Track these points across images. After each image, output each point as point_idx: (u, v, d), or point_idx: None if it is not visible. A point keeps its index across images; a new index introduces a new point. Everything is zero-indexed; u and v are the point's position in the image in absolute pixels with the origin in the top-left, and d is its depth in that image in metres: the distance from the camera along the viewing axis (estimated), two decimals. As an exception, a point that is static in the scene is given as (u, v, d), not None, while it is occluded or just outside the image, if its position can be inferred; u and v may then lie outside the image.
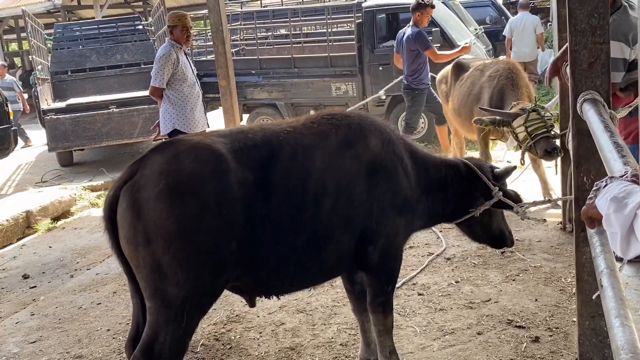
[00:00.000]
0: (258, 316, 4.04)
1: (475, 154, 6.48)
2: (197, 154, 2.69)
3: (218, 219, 2.60)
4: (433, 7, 7.29)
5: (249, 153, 2.76)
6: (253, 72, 10.06)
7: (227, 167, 2.66)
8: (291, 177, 2.80)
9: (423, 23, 7.22)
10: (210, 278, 2.65)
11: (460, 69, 6.45)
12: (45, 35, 11.67)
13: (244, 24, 11.31)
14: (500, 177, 3.32)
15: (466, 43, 7.47)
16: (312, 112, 3.20)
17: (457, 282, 4.29)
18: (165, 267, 2.57)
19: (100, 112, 9.44)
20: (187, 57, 6.09)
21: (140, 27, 11.98)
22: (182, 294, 2.59)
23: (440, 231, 5.17)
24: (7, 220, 7.23)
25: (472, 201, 3.25)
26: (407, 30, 7.33)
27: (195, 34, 12.28)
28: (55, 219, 7.59)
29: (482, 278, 4.31)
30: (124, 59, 11.28)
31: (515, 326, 3.61)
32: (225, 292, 2.92)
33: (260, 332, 3.84)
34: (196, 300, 2.64)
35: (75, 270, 5.61)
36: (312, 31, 12.69)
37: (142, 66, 11.16)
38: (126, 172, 2.71)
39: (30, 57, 11.17)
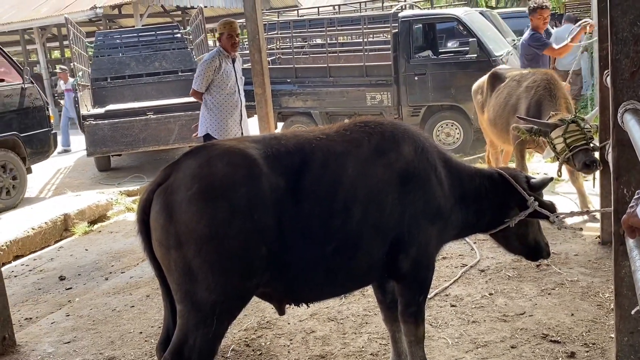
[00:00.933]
0: (289, 323, 4.03)
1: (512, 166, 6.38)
2: (229, 158, 2.70)
3: (249, 224, 2.61)
4: (546, 7, 7.10)
5: (281, 159, 2.76)
6: (288, 80, 10.12)
7: (260, 172, 2.67)
8: (323, 183, 2.80)
9: (539, 27, 7.06)
10: (240, 282, 2.66)
11: (496, 79, 6.37)
12: (86, 43, 11.94)
13: (281, 33, 11.40)
14: (536, 188, 3.26)
15: (585, 21, 7.09)
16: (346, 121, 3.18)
17: (490, 294, 4.22)
18: (196, 271, 2.58)
19: (138, 118, 9.60)
20: (233, 65, 6.15)
21: (179, 35, 12.17)
22: (212, 298, 2.60)
23: (475, 242, 5.10)
24: (45, 222, 7.39)
25: (507, 211, 3.20)
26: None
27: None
28: (92, 222, 7.72)
29: (517, 291, 4.23)
30: (162, 66, 11.47)
31: (551, 341, 3.53)
32: (257, 299, 2.92)
33: (291, 340, 3.83)
34: (226, 304, 2.64)
35: (110, 273, 5.70)
36: (348, 41, 12.73)
37: (180, 74, 11.35)
38: (160, 176, 2.74)
39: (71, 64, 11.43)
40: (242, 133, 6.25)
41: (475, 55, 8.54)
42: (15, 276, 5.89)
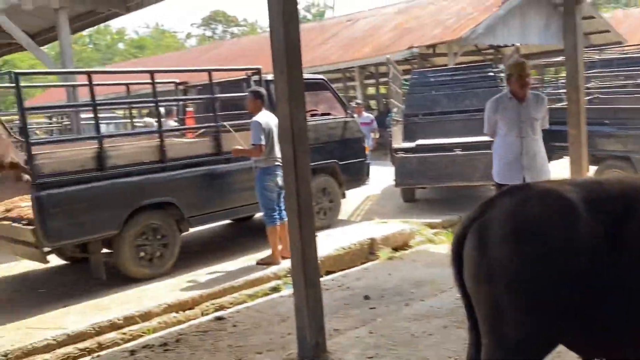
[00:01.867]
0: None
1: None
2: (546, 200, 2.67)
3: (563, 268, 2.53)
4: None
5: (602, 205, 2.63)
6: (606, 121, 9.43)
7: (577, 217, 2.57)
8: None
9: None
10: (548, 326, 2.58)
11: None
12: (402, 81, 12.71)
13: (600, 72, 10.70)
14: None
15: None
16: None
17: None
18: (504, 307, 2.60)
19: (445, 153, 9.87)
20: (520, 107, 5.86)
21: (491, 74, 12.22)
22: (517, 337, 2.58)
23: None
24: (354, 244, 8.03)
25: None
26: None
27: (538, 82, 12.04)
28: (395, 249, 8.15)
29: None
30: (472, 104, 11.62)
31: None
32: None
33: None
34: (531, 344, 2.60)
35: (410, 299, 5.93)
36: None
37: (489, 112, 11.35)
38: (475, 211, 2.82)
39: (387, 100, 12.27)
40: (524, 179, 5.78)
41: None
42: (327, 289, 6.47)
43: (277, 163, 7.03)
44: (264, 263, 7.33)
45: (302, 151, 4.50)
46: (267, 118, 7.17)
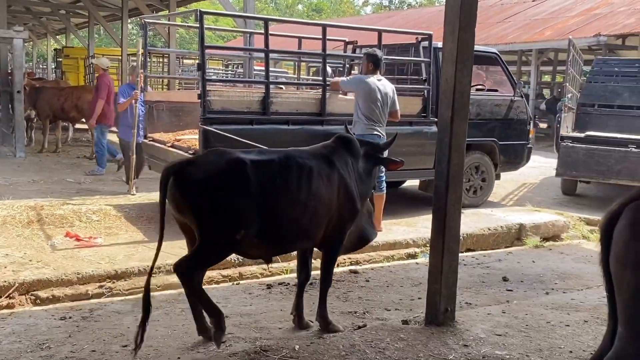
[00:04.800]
0: None
1: None
2: None
3: None
4: None
5: None
6: None
7: None
8: None
9: None
10: None
11: None
12: (582, 68, 11.90)
13: None
14: None
15: None
16: None
17: None
18: None
19: (617, 148, 9.17)
20: None
21: (687, 70, 11.09)
22: None
23: None
24: (501, 227, 7.78)
25: None
26: None
27: None
28: (545, 239, 7.77)
29: None
30: (657, 101, 10.67)
31: None
32: None
33: None
34: None
35: (552, 289, 5.65)
36: None
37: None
38: (636, 191, 2.59)
39: (564, 84, 11.56)
40: None
41: None
42: (464, 265, 6.35)
43: (375, 132, 6.74)
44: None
45: (461, 116, 4.38)
46: (372, 81, 6.85)
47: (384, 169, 6.65)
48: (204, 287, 5.55)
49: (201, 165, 3.79)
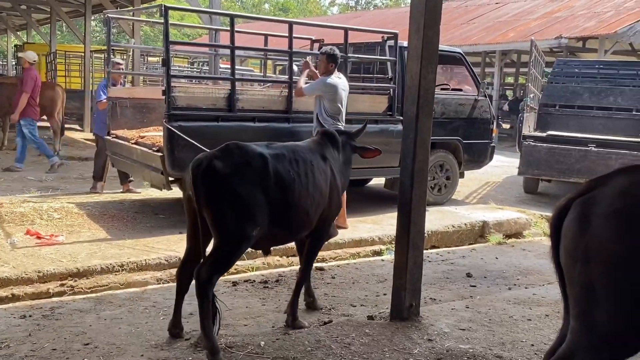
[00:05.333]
0: None
1: None
2: None
3: None
4: None
5: None
6: None
7: None
8: None
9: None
10: None
11: None
12: (544, 69, 12.13)
13: None
14: None
15: None
16: None
17: None
18: (599, 292, 2.41)
19: (577, 148, 9.37)
20: None
21: (645, 72, 11.39)
22: (608, 326, 2.39)
23: None
24: (465, 224, 7.88)
25: None
26: None
27: None
28: (507, 236, 7.89)
29: None
30: (616, 102, 10.94)
31: None
32: None
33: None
34: (621, 339, 2.39)
35: (514, 284, 5.75)
36: None
37: (634, 112, 10.65)
38: (584, 186, 2.64)
39: (526, 84, 11.77)
40: None
41: None
42: (429, 261, 6.41)
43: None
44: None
45: (426, 112, 4.42)
46: (336, 82, 6.73)
47: None
48: (168, 284, 5.55)
49: (227, 160, 3.74)
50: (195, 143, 6.17)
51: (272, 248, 4.70)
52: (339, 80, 6.81)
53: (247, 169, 3.77)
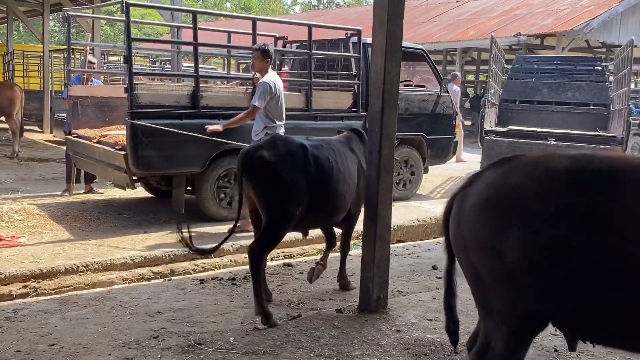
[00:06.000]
0: None
1: None
2: (529, 171, 2.53)
3: (535, 238, 2.39)
4: None
5: (587, 177, 2.43)
6: None
7: (559, 189, 2.42)
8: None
9: None
10: (530, 303, 2.48)
11: None
12: (504, 65, 12.34)
13: None
14: None
15: None
16: None
17: None
18: (484, 277, 2.58)
19: (537, 142, 9.56)
20: None
21: (600, 68, 11.68)
22: (501, 307, 2.55)
23: None
24: (430, 218, 7.99)
25: None
26: None
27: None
28: (470, 229, 8.01)
29: None
30: (574, 97, 11.21)
31: None
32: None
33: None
34: (515, 318, 2.53)
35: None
36: None
37: (591, 107, 10.93)
38: (465, 182, 2.80)
39: (487, 80, 11.97)
40: None
41: None
42: (396, 255, 6.47)
43: (283, 130, 6.47)
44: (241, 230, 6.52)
45: (390, 106, 4.47)
46: (276, 80, 6.43)
47: None
48: (134, 283, 5.50)
49: (272, 150, 4.30)
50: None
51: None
52: (276, 77, 6.54)
53: (290, 157, 4.33)
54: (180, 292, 5.12)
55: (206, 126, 6.51)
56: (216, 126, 6.51)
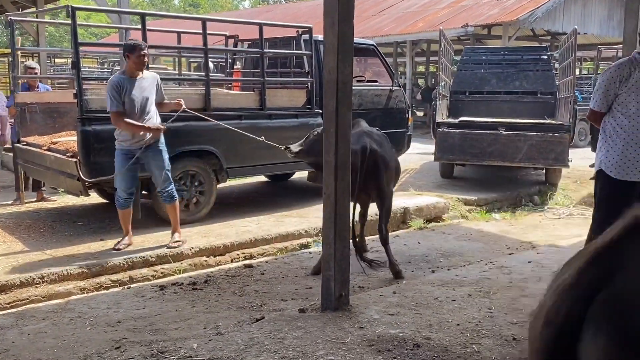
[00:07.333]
0: None
1: None
2: None
3: None
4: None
5: None
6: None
7: None
8: None
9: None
10: None
11: None
12: (453, 57, 12.55)
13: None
14: None
15: None
16: None
17: None
18: None
19: (488, 132, 9.76)
20: None
21: (545, 57, 11.98)
22: None
23: None
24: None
25: None
26: None
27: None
28: (428, 220, 8.14)
29: None
30: (522, 86, 11.47)
31: None
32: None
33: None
34: None
35: (437, 267, 5.95)
36: None
37: (539, 95, 11.21)
38: (590, 260, 1.85)
39: (437, 73, 12.15)
40: None
41: None
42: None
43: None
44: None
45: (345, 106, 4.50)
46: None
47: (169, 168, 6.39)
48: (92, 293, 5.42)
49: (376, 144, 5.57)
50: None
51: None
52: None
53: (387, 147, 5.81)
54: (140, 299, 5.07)
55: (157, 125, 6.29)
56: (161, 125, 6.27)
